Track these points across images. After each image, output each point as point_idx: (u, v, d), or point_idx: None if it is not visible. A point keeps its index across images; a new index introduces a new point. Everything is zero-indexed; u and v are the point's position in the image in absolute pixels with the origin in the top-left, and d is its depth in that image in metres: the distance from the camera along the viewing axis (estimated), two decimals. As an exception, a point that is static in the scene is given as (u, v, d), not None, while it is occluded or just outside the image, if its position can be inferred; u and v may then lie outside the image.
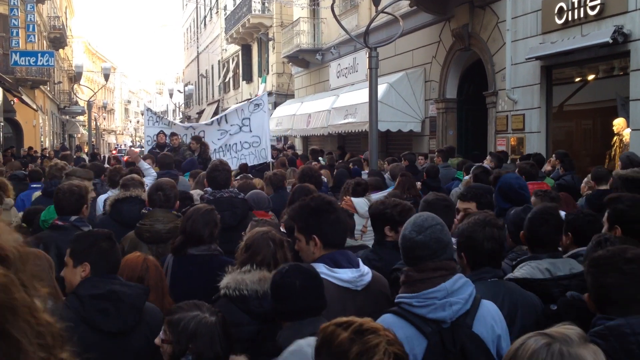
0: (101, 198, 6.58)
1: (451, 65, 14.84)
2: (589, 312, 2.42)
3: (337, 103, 18.25)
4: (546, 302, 3.11)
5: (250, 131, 11.85)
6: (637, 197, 3.78)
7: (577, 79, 12.12)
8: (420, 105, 15.98)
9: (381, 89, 13.80)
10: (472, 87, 14.87)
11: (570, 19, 10.90)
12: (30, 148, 25.03)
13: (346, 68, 20.42)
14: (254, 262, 3.24)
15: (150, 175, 7.65)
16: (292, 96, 26.95)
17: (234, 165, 10.60)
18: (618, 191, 5.45)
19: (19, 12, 28.13)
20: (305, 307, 2.64)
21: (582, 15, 10.59)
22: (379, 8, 11.74)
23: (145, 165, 7.94)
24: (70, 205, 4.83)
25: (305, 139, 24.69)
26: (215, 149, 11.75)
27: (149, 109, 13.16)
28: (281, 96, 28.18)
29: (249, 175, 8.65)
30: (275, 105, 27.48)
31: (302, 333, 2.46)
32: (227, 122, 12.13)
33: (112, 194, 6.18)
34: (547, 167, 9.43)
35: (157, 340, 2.66)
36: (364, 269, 3.20)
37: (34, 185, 8.49)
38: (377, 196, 5.97)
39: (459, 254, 3.16)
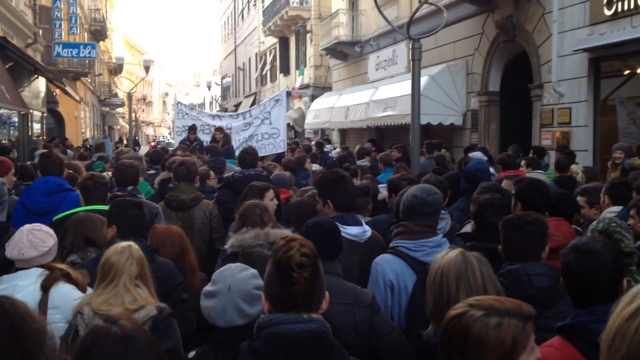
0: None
1: (494, 57, 14.56)
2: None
3: (376, 96, 18.08)
4: None
5: (271, 123, 13.58)
6: (535, 180, 4.83)
7: (626, 72, 11.78)
8: (462, 98, 15.73)
9: (422, 81, 13.58)
10: (516, 80, 14.56)
11: (619, 9, 10.58)
12: (65, 139, 25.34)
13: (385, 60, 20.23)
14: (247, 224, 4.17)
15: None
16: (329, 89, 26.84)
17: None
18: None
19: (62, 5, 28.58)
20: (320, 254, 3.17)
21: (632, 6, 10.28)
22: (422, -1, 11.57)
23: None
24: (129, 178, 5.65)
25: (343, 132, 24.56)
26: (240, 141, 13.27)
27: (179, 102, 15.08)
28: (318, 89, 28.10)
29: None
30: (313, 98, 27.43)
31: None
32: (251, 116, 13.90)
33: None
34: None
35: None
36: (366, 227, 4.13)
37: None
38: None
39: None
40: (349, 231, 3.97)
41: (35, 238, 3.47)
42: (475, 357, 1.85)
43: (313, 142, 18.43)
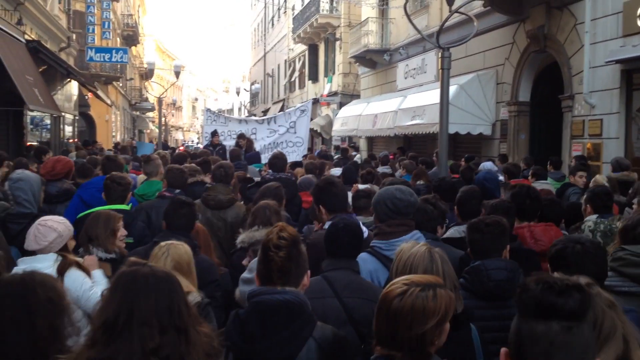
0: None
1: (525, 68, 14.43)
2: None
3: (405, 104, 18.02)
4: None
5: (295, 132, 14.36)
6: (470, 187, 5.47)
7: (660, 84, 11.58)
8: (491, 108, 15.60)
9: (451, 90, 13.49)
10: (547, 91, 14.40)
11: (654, 21, 10.41)
12: (95, 142, 25.60)
13: (414, 69, 20.16)
14: (257, 223, 4.47)
15: None
16: (357, 96, 26.82)
17: None
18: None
19: (95, 10, 29.05)
20: (343, 252, 3.53)
21: (667, 17, 10.11)
22: (452, 8, 11.51)
23: None
24: (181, 182, 6.23)
25: (371, 140, 24.52)
26: (265, 145, 14.05)
27: (208, 109, 16.19)
28: (347, 96, 28.10)
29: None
30: (341, 105, 27.43)
31: (337, 265, 3.47)
32: (275, 122, 14.66)
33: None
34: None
35: None
36: (364, 227, 4.27)
37: None
38: None
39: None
40: None
41: (39, 233, 3.85)
42: (420, 326, 2.15)
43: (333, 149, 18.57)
